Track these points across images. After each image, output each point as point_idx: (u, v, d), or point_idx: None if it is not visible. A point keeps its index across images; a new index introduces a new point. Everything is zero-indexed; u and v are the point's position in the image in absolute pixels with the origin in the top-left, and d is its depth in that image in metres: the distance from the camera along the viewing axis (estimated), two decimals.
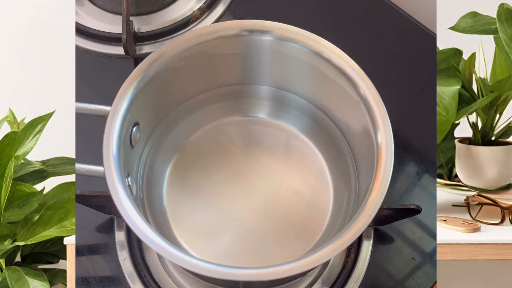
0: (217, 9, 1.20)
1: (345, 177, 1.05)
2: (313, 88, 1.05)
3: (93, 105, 0.96)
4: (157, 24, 1.17)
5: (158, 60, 0.98)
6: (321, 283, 1.04)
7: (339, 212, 1.03)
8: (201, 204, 1.04)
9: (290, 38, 1.00)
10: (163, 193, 1.05)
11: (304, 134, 1.09)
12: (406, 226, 1.07)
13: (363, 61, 1.00)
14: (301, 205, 1.04)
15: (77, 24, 1.17)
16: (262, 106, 1.10)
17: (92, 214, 1.05)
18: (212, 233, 1.02)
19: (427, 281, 1.04)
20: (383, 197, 0.91)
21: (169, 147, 1.07)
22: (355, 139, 1.03)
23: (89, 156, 1.02)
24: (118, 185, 0.91)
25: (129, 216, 0.89)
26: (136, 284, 1.02)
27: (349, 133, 1.04)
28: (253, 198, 1.05)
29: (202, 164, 1.07)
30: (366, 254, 1.05)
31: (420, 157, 1.12)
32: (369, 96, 0.97)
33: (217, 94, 1.08)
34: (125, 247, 1.04)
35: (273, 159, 1.07)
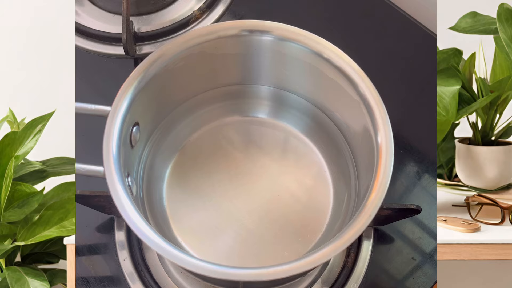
0: (217, 9, 1.20)
1: (345, 177, 1.05)
2: (313, 88, 1.05)
3: (93, 105, 0.96)
4: (157, 24, 1.17)
5: (158, 60, 0.98)
6: (321, 283, 1.04)
7: (339, 212, 1.03)
8: (201, 204, 1.04)
9: (290, 38, 1.00)
10: (163, 193, 1.05)
11: (304, 134, 1.09)
12: (406, 226, 1.07)
13: (363, 61, 1.00)
14: (301, 205, 1.04)
15: (77, 24, 1.17)
16: (262, 106, 1.10)
17: (92, 214, 1.05)
18: (212, 233, 1.02)
19: (427, 281, 1.04)
20: (383, 197, 0.91)
21: (169, 147, 1.07)
22: (355, 139, 1.03)
23: (89, 156, 1.02)
24: (118, 185, 0.91)
25: (129, 216, 0.89)
26: (136, 284, 1.02)
27: (349, 133, 1.04)
28: (253, 198, 1.05)
29: (202, 164, 1.07)
30: (366, 254, 1.05)
31: (420, 157, 1.12)
32: (369, 96, 0.97)
33: (217, 94, 1.08)
34: (125, 247, 1.04)
35: (273, 159, 1.07)
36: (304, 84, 1.06)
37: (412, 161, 1.11)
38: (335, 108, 1.05)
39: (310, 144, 1.09)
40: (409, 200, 1.09)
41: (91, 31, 1.16)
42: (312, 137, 1.09)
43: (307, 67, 1.02)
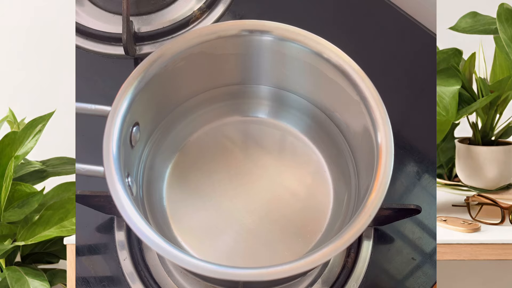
0: (217, 9, 1.20)
1: (345, 177, 1.05)
2: (313, 88, 1.05)
3: (93, 105, 0.96)
4: (157, 24, 1.17)
5: (158, 60, 0.98)
6: (321, 283, 1.04)
7: (339, 212, 1.03)
8: (201, 204, 1.04)
9: (290, 38, 1.00)
10: (163, 193, 1.05)
11: (304, 134, 1.09)
12: (406, 226, 1.07)
13: (363, 61, 1.00)
14: (301, 205, 1.04)
15: (77, 24, 1.17)
16: (262, 106, 1.10)
17: (92, 214, 1.05)
18: (212, 233, 1.02)
19: (427, 281, 1.04)
20: (383, 197, 0.91)
21: (169, 147, 1.07)
22: (355, 139, 1.03)
23: (89, 156, 1.02)
24: (118, 185, 0.91)
25: (129, 216, 0.89)
26: (136, 284, 1.02)
27: (349, 133, 1.04)
28: (253, 198, 1.05)
29: (202, 164, 1.07)
30: (366, 254, 1.05)
31: (420, 157, 1.12)
32: (369, 96, 0.97)
33: (217, 94, 1.08)
34: (125, 247, 1.04)
35: (273, 159, 1.07)
36: (304, 84, 1.06)
37: (412, 161, 1.11)
38: (335, 108, 1.04)
39: (310, 144, 1.08)
40: (409, 200, 1.09)
41: (91, 31, 1.16)
42: (312, 137, 1.09)
43: (307, 67, 1.02)
